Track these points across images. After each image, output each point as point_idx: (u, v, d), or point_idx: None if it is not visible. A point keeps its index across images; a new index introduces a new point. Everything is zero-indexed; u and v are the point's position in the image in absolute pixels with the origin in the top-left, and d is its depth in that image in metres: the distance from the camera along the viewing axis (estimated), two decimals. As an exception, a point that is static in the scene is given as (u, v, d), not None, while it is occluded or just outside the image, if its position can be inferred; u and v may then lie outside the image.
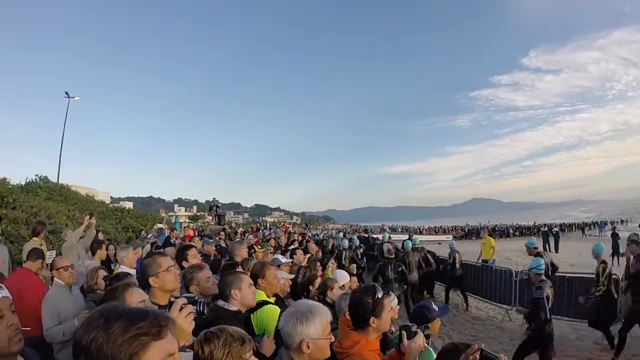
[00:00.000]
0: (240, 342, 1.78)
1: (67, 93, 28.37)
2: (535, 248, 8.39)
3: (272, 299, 3.45)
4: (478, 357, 1.81)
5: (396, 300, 2.61)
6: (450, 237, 43.08)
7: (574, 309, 8.30)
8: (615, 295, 7.12)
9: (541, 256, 7.26)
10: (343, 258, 11.46)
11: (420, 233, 45.59)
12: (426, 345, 2.82)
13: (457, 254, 11.27)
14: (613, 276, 7.25)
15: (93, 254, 6.12)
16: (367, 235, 22.41)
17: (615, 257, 18.14)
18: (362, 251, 13.28)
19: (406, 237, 18.25)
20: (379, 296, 2.44)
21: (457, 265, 11.06)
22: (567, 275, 9.25)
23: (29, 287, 4.43)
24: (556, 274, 8.92)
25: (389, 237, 15.63)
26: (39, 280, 4.81)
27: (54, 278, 4.35)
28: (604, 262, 7.20)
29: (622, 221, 55.90)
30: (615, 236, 20.36)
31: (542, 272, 6.22)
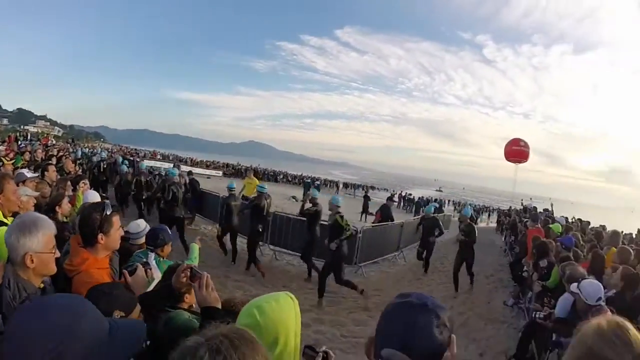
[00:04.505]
0: None
1: None
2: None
3: (10, 219, 3.13)
4: (189, 274, 2.07)
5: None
6: (220, 173, 44.55)
7: (323, 253, 9.72)
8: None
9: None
10: None
11: (192, 165, 46.04)
12: (153, 266, 3.20)
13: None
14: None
15: None
16: (133, 159, 21.69)
17: (364, 215, 21.93)
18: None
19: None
20: (108, 213, 2.50)
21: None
22: (323, 223, 10.63)
23: None
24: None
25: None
26: None
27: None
28: (338, 212, 8.30)
29: (373, 187, 65.80)
30: (366, 198, 24.29)
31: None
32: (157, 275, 3.03)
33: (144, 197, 12.54)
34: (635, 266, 5.37)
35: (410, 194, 45.32)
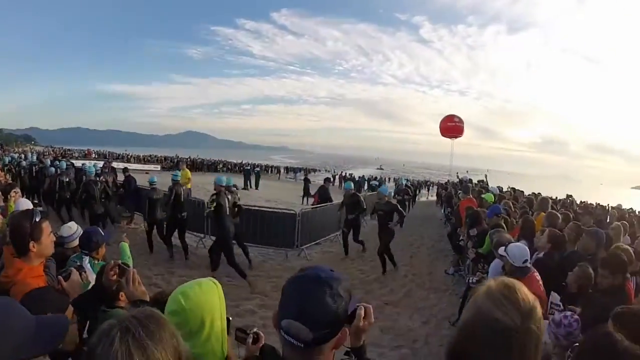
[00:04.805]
0: None
1: None
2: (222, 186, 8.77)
3: None
4: (117, 270, 2.15)
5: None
6: (159, 167, 43.32)
7: (265, 238, 9.98)
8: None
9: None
10: None
11: (128, 161, 44.64)
12: (88, 270, 3.24)
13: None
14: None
15: None
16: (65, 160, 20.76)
17: (306, 197, 22.13)
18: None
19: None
20: (37, 220, 2.50)
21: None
22: (263, 209, 10.99)
23: None
24: (252, 208, 10.81)
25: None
26: None
27: None
28: (219, 192, 8.32)
29: (314, 170, 66.20)
30: (306, 181, 24.47)
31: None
32: (92, 279, 3.04)
33: (67, 198, 11.96)
34: (562, 229, 5.68)
35: (351, 174, 46.03)
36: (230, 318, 1.80)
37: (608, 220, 9.15)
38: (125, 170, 13.83)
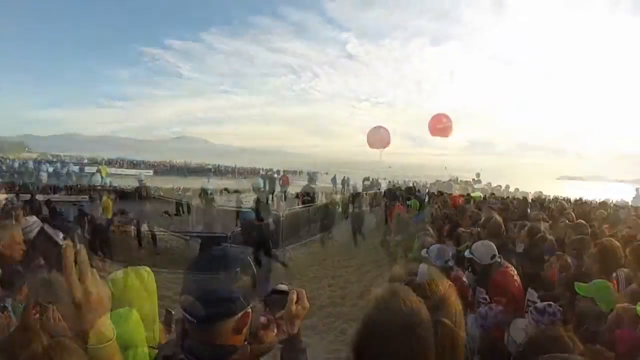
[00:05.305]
0: None
1: None
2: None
3: None
4: (39, 309, 2.12)
5: None
6: (87, 197, 40.90)
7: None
8: None
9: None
10: None
11: (55, 192, 42.01)
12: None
13: None
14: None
15: None
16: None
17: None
18: None
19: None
20: None
21: None
22: (193, 234, 10.82)
23: None
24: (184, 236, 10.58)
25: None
26: None
27: None
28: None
29: (248, 190, 65.23)
30: (239, 202, 24.22)
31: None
32: (14, 323, 2.83)
33: None
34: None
35: (285, 191, 46.10)
36: (173, 312, 1.96)
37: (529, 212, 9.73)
38: (48, 202, 13.10)
